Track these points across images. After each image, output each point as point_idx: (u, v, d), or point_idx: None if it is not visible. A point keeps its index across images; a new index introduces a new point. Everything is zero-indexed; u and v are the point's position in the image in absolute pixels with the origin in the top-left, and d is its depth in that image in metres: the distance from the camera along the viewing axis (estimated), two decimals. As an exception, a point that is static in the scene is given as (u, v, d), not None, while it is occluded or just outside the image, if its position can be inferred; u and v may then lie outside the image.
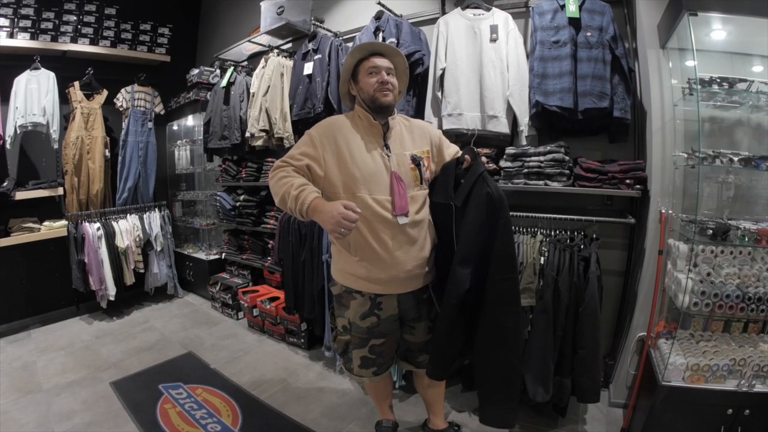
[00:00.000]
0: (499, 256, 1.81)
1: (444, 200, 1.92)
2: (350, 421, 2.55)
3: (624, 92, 2.41)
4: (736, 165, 1.99)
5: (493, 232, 1.80)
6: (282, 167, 1.78)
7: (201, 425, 2.50)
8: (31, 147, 4.17)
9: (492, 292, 1.84)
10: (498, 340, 1.87)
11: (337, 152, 1.83)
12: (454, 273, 1.82)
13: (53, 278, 4.21)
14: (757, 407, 1.90)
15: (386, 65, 1.88)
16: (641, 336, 2.38)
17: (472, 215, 1.82)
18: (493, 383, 1.93)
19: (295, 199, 1.64)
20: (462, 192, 1.87)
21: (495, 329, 1.86)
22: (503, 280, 1.83)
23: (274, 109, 3.61)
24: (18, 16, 3.90)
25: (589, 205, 2.67)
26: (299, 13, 3.57)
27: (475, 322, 1.91)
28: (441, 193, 1.95)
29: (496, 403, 1.94)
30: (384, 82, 1.85)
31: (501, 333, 1.86)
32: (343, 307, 2.01)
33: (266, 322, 3.72)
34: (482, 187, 1.81)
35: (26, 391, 2.88)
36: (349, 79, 1.96)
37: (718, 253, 2.09)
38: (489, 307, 1.86)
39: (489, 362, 1.92)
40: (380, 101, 1.85)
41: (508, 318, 1.85)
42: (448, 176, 1.96)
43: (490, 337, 1.88)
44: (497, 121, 2.66)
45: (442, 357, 1.97)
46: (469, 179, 1.87)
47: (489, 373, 1.93)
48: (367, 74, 1.87)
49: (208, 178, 4.90)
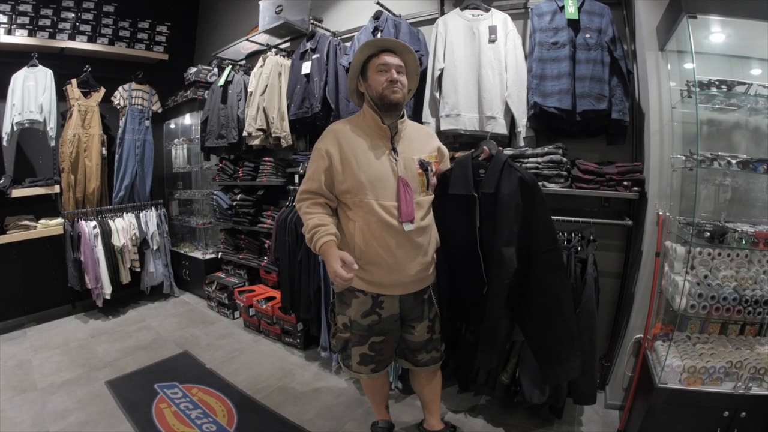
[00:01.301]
0: (541, 231, 1.91)
1: (465, 191, 1.95)
2: (346, 421, 2.55)
3: (622, 94, 2.41)
4: (734, 168, 1.99)
5: (530, 211, 1.90)
6: (302, 200, 1.91)
7: (196, 425, 2.49)
8: (27, 144, 4.15)
9: (539, 265, 1.93)
10: (555, 306, 1.95)
11: (343, 159, 1.83)
12: (501, 255, 1.90)
13: (49, 276, 4.20)
14: (754, 409, 1.90)
15: (396, 63, 1.85)
16: (638, 338, 2.38)
17: (506, 199, 1.90)
18: (559, 342, 1.97)
19: (310, 235, 1.82)
20: (490, 179, 1.94)
21: (550, 298, 1.95)
22: (548, 251, 1.92)
23: (272, 108, 3.60)
24: (16, 12, 3.88)
25: (587, 207, 2.67)
26: (298, 13, 3.56)
27: (525, 298, 2.00)
28: (461, 185, 1.98)
29: (566, 359, 1.98)
30: (393, 81, 1.83)
31: (555, 300, 1.94)
32: (344, 305, 2.00)
33: (262, 321, 3.71)
34: (512, 173, 1.92)
35: (21, 390, 2.87)
36: (357, 75, 1.94)
37: (716, 255, 2.09)
38: (539, 279, 1.94)
39: (550, 328, 1.98)
40: (389, 99, 1.83)
41: (559, 284, 1.94)
42: (466, 169, 1.99)
43: (547, 306, 1.96)
44: (495, 122, 2.66)
45: (494, 341, 2.04)
46: (494, 167, 1.94)
47: (551, 337, 1.98)
48: (376, 71, 1.85)
49: (205, 177, 4.89)
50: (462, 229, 2.02)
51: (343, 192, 1.86)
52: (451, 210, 2.02)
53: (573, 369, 2.01)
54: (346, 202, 1.87)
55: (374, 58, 1.87)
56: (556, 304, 1.94)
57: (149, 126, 4.68)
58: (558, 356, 1.98)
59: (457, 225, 2.03)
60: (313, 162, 1.90)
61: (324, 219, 1.84)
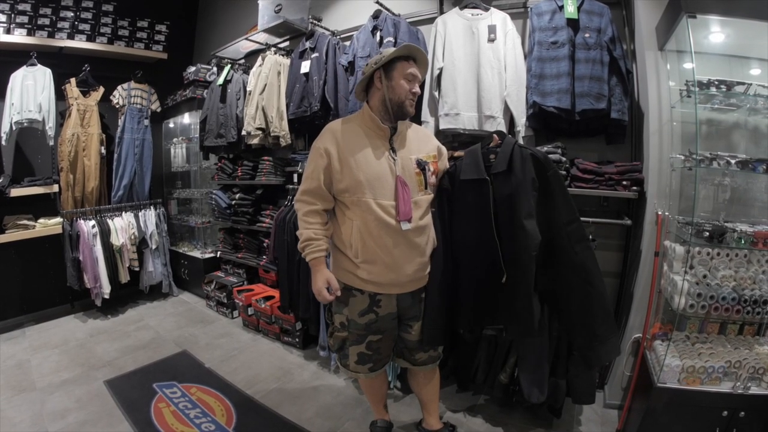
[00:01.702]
0: (560, 204, 1.91)
1: (477, 176, 1.94)
2: (345, 420, 2.54)
3: (621, 94, 2.41)
4: (733, 167, 1.99)
5: (545, 185, 1.90)
6: (301, 202, 1.93)
7: (195, 424, 2.49)
8: (26, 144, 4.14)
9: (562, 237, 1.91)
10: (586, 278, 1.92)
11: (341, 158, 1.84)
12: (524, 228, 1.87)
13: (48, 276, 4.19)
14: (752, 409, 1.90)
15: (420, 76, 1.89)
16: (637, 337, 2.38)
17: (521, 174, 1.89)
18: (596, 318, 1.94)
19: (302, 245, 1.93)
20: (502, 160, 1.92)
21: (579, 270, 1.92)
22: (570, 222, 1.91)
23: (271, 107, 3.60)
24: (15, 11, 3.87)
25: (586, 206, 2.66)
26: (297, 12, 3.55)
27: (553, 275, 1.97)
28: (472, 170, 1.96)
29: (605, 335, 1.94)
30: (415, 93, 1.86)
31: (585, 271, 1.92)
32: (341, 304, 2.00)
33: (261, 321, 3.71)
34: (522, 151, 1.92)
35: (20, 390, 2.86)
36: (380, 68, 1.85)
37: (714, 255, 2.09)
38: (566, 251, 1.92)
39: (583, 302, 1.94)
40: (406, 110, 1.87)
41: (586, 253, 1.92)
42: (476, 156, 1.99)
43: (578, 279, 1.93)
44: (494, 121, 2.65)
45: (529, 315, 1.96)
46: (505, 149, 1.93)
47: (586, 312, 1.95)
48: (403, 77, 1.84)
49: (204, 176, 4.89)
50: (474, 219, 1.97)
51: (341, 191, 1.86)
52: (461, 200, 1.99)
53: (614, 346, 1.99)
54: (344, 200, 1.87)
55: (404, 62, 1.85)
56: (586, 276, 1.91)
57: (148, 125, 4.67)
58: (596, 333, 1.94)
59: (469, 215, 1.99)
60: (311, 161, 1.90)
61: (318, 233, 1.89)
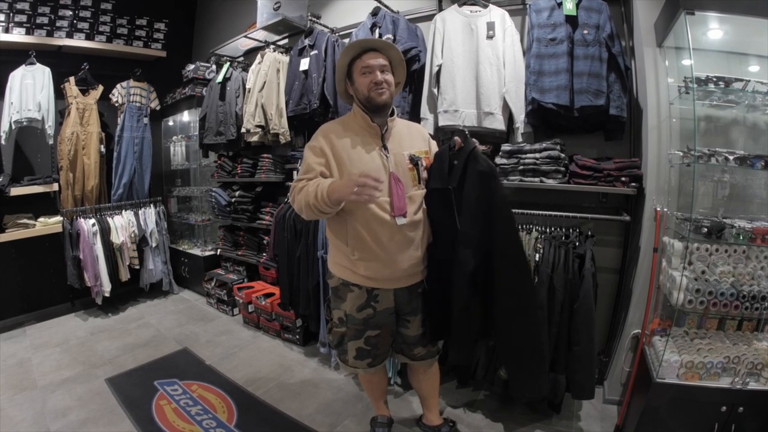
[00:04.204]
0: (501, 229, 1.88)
1: (441, 185, 1.92)
2: (345, 416, 2.56)
3: (620, 90, 2.41)
4: (732, 164, 1.99)
5: (490, 200, 1.86)
6: (295, 189, 1.84)
7: (196, 421, 2.50)
8: (26, 143, 4.14)
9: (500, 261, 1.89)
10: (518, 307, 1.92)
11: (336, 157, 1.85)
12: (458, 254, 1.87)
13: (48, 274, 4.20)
14: (751, 405, 1.91)
15: (380, 63, 1.85)
16: (636, 333, 2.39)
17: (468, 191, 1.87)
18: (522, 350, 1.97)
19: (315, 194, 1.70)
20: (456, 173, 1.90)
21: (513, 296, 1.91)
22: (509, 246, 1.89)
23: (270, 104, 3.60)
24: (13, 10, 3.86)
25: (585, 203, 2.67)
26: (296, 9, 3.55)
27: (491, 295, 1.94)
28: (437, 178, 1.94)
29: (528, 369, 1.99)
30: (378, 83, 1.83)
31: (517, 298, 1.91)
32: (339, 299, 2.01)
33: (261, 318, 3.72)
34: (474, 165, 1.87)
35: (21, 388, 2.87)
36: (344, 78, 1.95)
37: (713, 251, 2.10)
38: (500, 275, 1.90)
39: (511, 331, 1.96)
40: (376, 101, 1.85)
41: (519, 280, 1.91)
42: (442, 162, 1.96)
43: (508, 305, 1.92)
44: (493, 118, 2.66)
45: (461, 338, 1.99)
46: (461, 159, 1.90)
47: (513, 341, 1.97)
48: (360, 74, 1.86)
49: (204, 174, 4.89)
50: (445, 221, 1.95)
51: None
52: (434, 203, 1.97)
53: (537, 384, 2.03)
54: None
55: (358, 60, 1.88)
56: (519, 304, 1.91)
57: (147, 123, 4.67)
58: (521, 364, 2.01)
59: (442, 216, 1.97)
60: (307, 159, 1.89)
61: (319, 179, 1.79)
